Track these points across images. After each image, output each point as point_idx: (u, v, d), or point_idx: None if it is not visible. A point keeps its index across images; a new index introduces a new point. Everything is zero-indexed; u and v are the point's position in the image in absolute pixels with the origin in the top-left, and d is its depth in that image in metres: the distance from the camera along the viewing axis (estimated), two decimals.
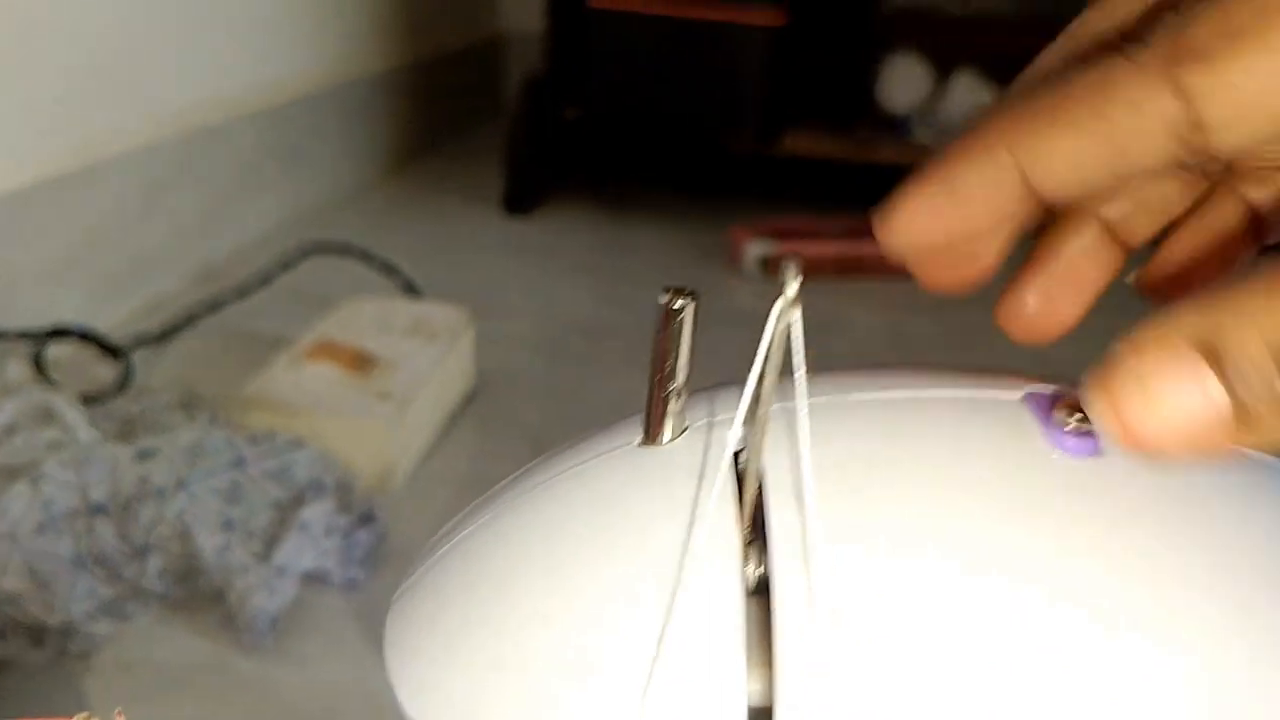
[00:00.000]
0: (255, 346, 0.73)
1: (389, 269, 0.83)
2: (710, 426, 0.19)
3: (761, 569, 0.17)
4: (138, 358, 0.73)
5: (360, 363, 0.63)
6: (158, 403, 0.63)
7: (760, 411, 0.17)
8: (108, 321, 0.78)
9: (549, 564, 0.18)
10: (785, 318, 0.16)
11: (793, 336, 0.16)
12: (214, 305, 0.80)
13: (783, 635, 0.16)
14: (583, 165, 1.25)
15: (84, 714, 0.22)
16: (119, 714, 0.23)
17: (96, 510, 0.51)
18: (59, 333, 0.68)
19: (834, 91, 1.17)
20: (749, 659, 0.16)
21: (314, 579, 0.52)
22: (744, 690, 0.16)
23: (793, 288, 0.16)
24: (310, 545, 0.51)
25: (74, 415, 0.56)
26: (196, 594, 0.51)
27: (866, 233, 0.91)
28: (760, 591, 0.17)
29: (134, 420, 0.61)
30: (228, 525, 0.51)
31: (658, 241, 1.11)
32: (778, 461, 0.18)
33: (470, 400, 0.72)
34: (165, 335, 0.77)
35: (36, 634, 0.48)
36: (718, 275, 1.02)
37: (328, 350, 0.63)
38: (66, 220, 0.74)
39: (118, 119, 0.80)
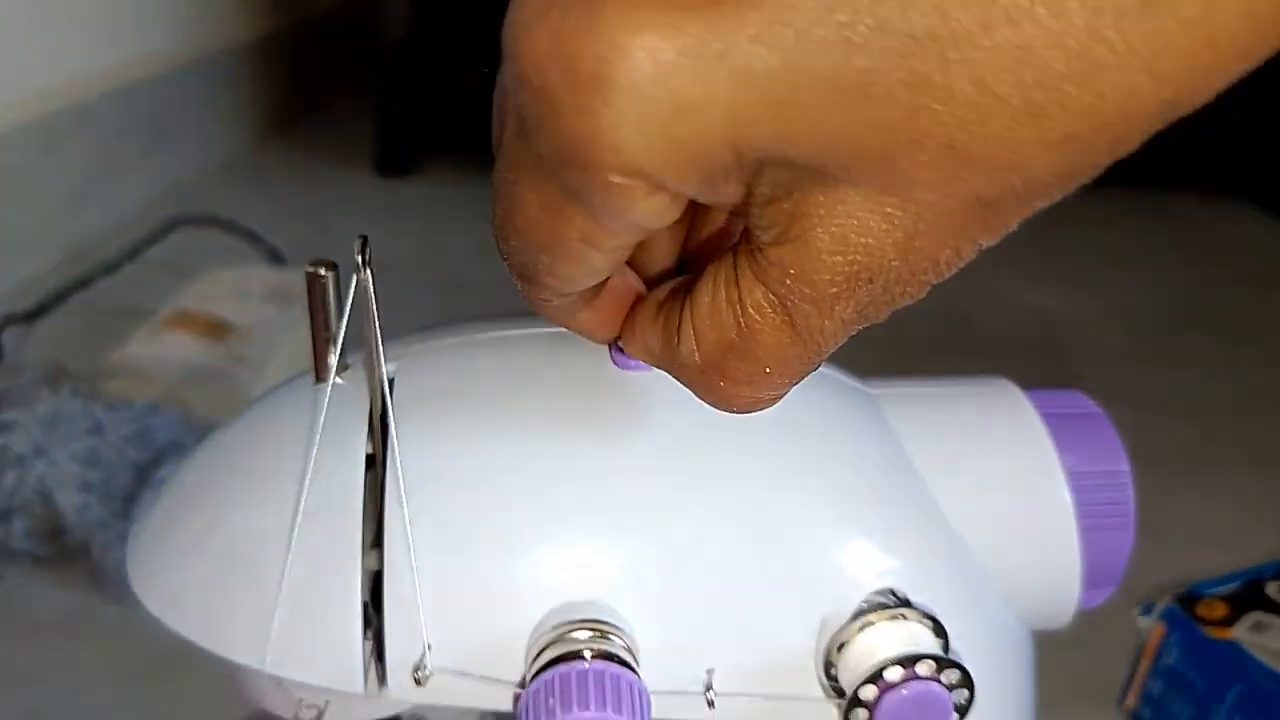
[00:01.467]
0: (124, 321, 0.77)
1: (253, 238, 0.86)
2: (361, 366, 0.25)
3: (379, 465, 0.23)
4: (7, 337, 0.76)
5: (216, 330, 0.67)
6: (24, 379, 0.66)
7: (380, 356, 0.23)
8: None
9: (229, 479, 0.24)
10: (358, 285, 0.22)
11: (368, 299, 0.22)
12: (82, 283, 0.83)
13: (389, 509, 0.22)
14: (456, 125, 1.29)
15: None
16: None
17: None
18: None
19: None
20: (364, 533, 0.22)
21: None
22: (361, 556, 0.22)
23: (362, 257, 0.22)
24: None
25: None
26: (63, 551, 0.56)
27: None
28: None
29: (1, 396, 0.64)
30: (86, 487, 0.56)
31: None
32: (409, 387, 0.24)
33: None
34: (35, 314, 0.80)
35: None
36: None
37: (184, 320, 0.67)
38: None
39: None
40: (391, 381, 0.24)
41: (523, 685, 0.22)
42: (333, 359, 0.24)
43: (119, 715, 0.47)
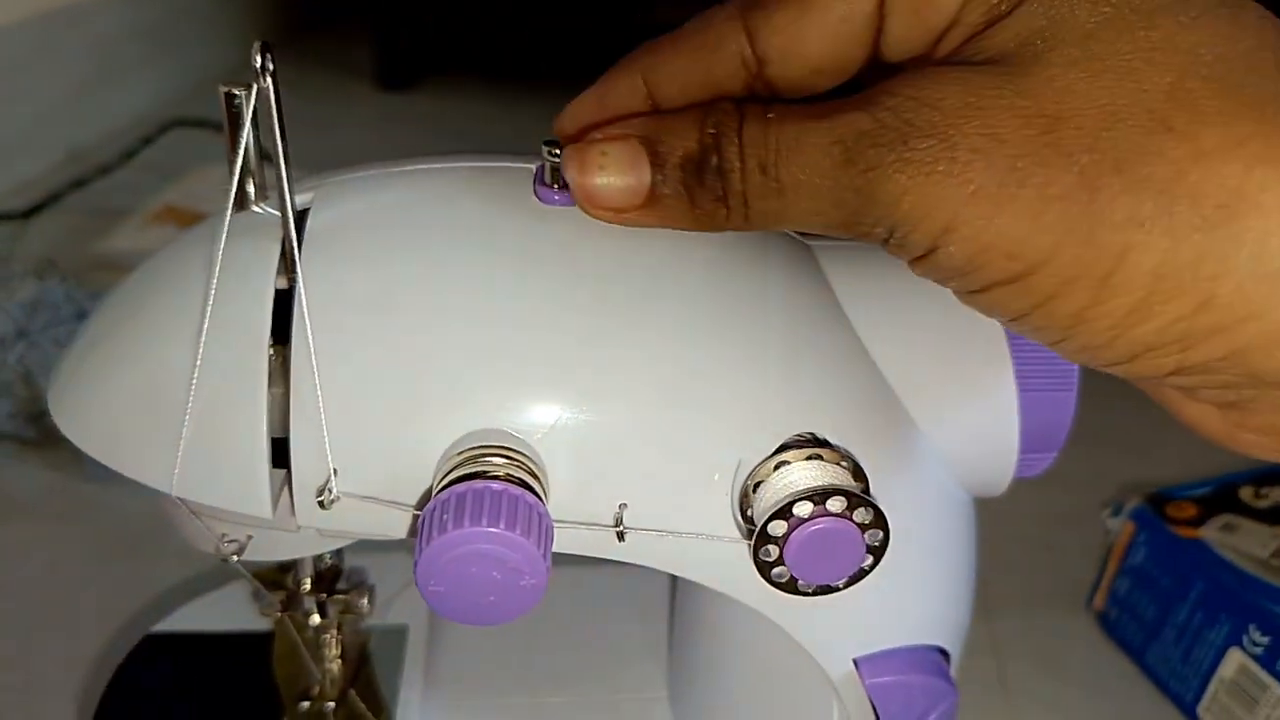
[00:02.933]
0: (115, 219, 0.76)
1: None
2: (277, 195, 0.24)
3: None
4: (2, 234, 0.76)
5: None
6: (11, 270, 0.67)
7: (287, 174, 0.22)
8: None
9: (142, 311, 0.24)
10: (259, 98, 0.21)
11: (272, 112, 0.21)
12: (79, 183, 0.83)
13: (295, 336, 0.22)
14: (460, 37, 1.27)
15: None
16: None
17: None
18: None
19: None
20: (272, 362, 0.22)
21: None
22: (267, 384, 0.22)
23: (260, 63, 0.21)
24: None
25: None
26: (46, 433, 0.56)
27: None
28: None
29: None
30: None
31: (536, 112, 1.14)
32: (324, 216, 0.23)
33: None
34: (29, 213, 0.80)
35: None
36: None
37: (172, 213, 0.67)
38: None
39: None
40: (306, 211, 0.24)
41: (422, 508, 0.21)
42: (237, 183, 0.24)
43: (91, 586, 0.47)
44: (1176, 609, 0.41)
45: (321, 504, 0.22)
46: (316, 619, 0.31)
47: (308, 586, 0.31)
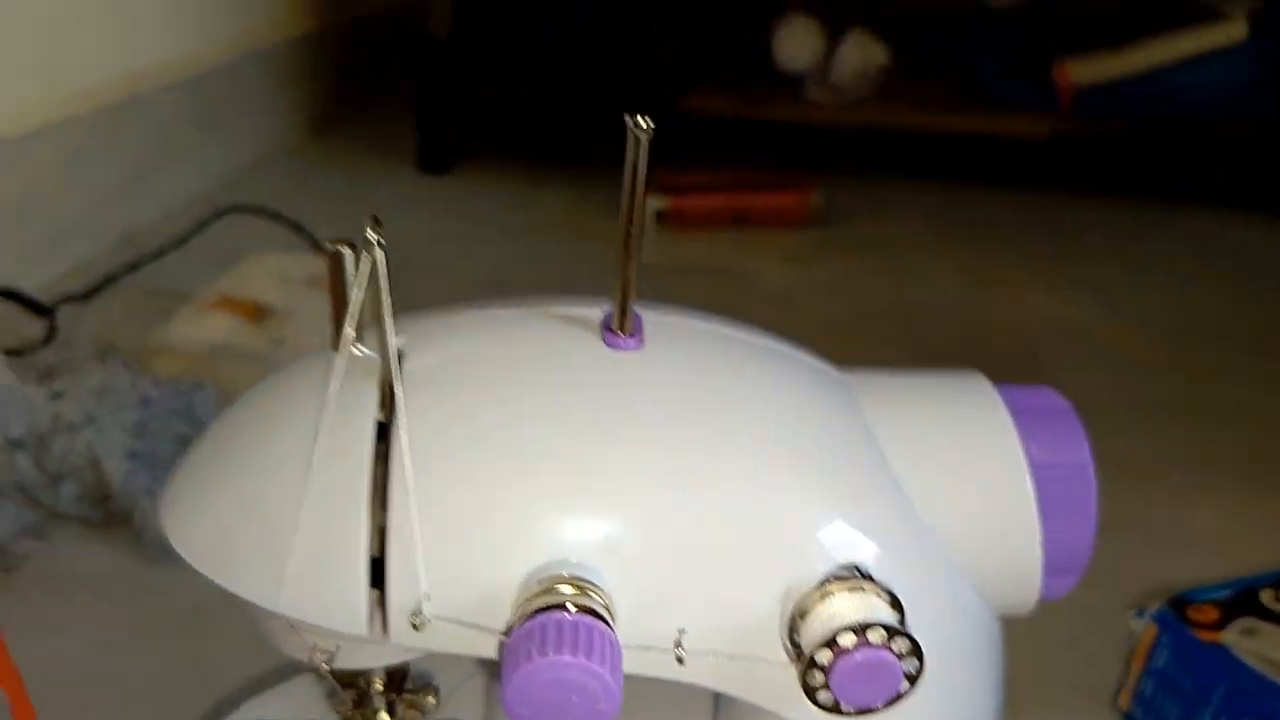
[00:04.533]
0: (172, 303, 0.80)
1: (296, 227, 0.90)
2: (375, 339, 0.27)
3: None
4: (63, 315, 0.80)
5: (257, 313, 0.71)
6: (76, 354, 0.70)
7: (391, 329, 0.25)
8: (35, 283, 0.85)
9: (253, 439, 0.26)
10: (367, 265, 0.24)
11: (380, 276, 0.24)
12: (134, 266, 0.87)
13: (394, 470, 0.24)
14: (497, 125, 1.32)
15: None
16: None
17: (15, 445, 0.58)
18: None
19: (733, 53, 1.24)
20: (373, 492, 0.25)
21: None
22: (368, 512, 0.25)
23: (374, 237, 0.24)
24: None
25: None
26: (109, 516, 0.59)
27: (758, 184, 1.02)
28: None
29: (53, 369, 0.68)
30: (133, 456, 0.59)
31: (567, 197, 1.18)
32: (418, 359, 0.26)
33: None
34: (88, 295, 0.84)
35: None
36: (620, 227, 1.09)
37: (227, 302, 0.71)
38: None
39: (35, 94, 0.86)
40: (401, 354, 0.27)
41: (508, 633, 0.24)
42: (349, 331, 0.27)
43: (154, 669, 0.49)
44: (1200, 713, 0.43)
45: (415, 625, 0.24)
46: (385, 717, 0.33)
47: (379, 687, 0.33)
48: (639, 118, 0.24)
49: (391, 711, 0.33)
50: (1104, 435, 0.32)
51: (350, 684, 0.33)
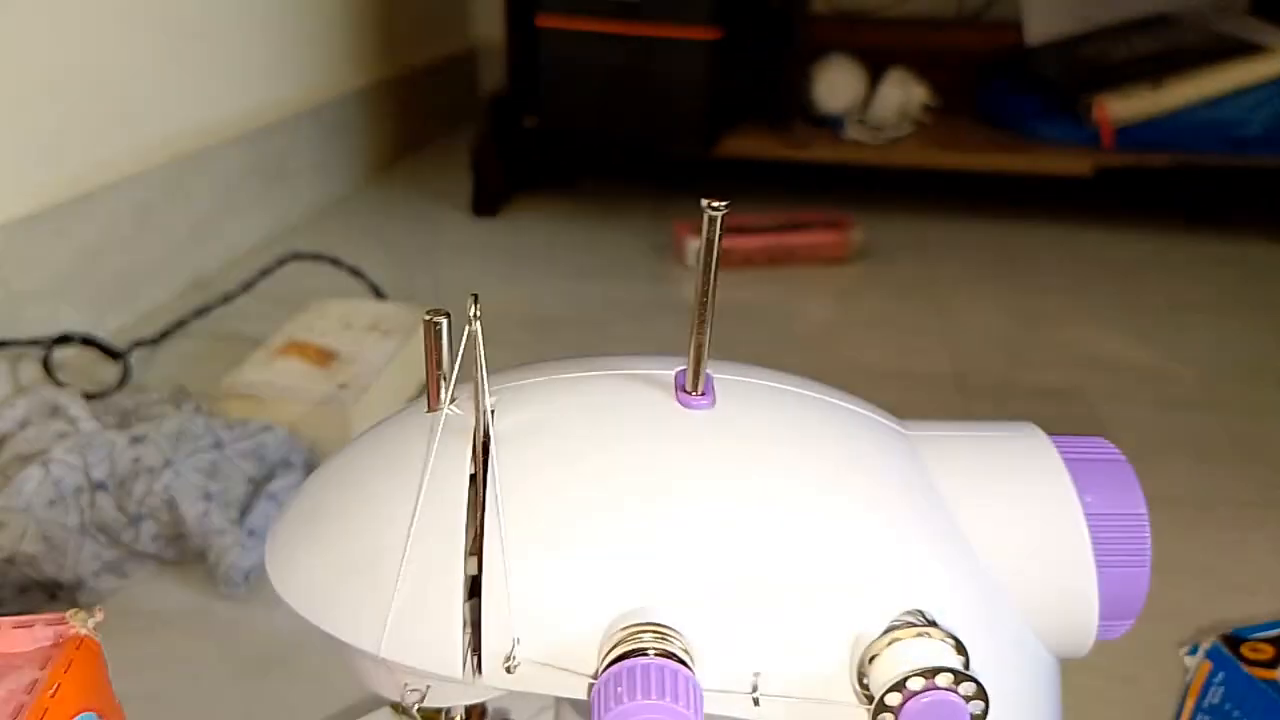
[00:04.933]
0: (238, 346, 0.84)
1: (356, 273, 0.93)
2: (469, 399, 0.29)
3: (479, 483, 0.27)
4: (135, 359, 0.83)
5: (323, 357, 0.73)
6: (150, 397, 0.73)
7: (485, 392, 0.27)
8: (108, 329, 0.89)
9: (355, 492, 0.28)
10: (468, 332, 0.26)
11: (477, 345, 0.26)
12: (202, 311, 0.90)
13: (488, 522, 0.26)
14: (545, 170, 1.35)
15: (74, 609, 0.33)
16: (99, 610, 0.33)
17: (98, 487, 0.61)
18: (63, 339, 0.79)
19: (770, 95, 1.26)
20: (466, 542, 0.27)
21: None
22: (464, 562, 0.26)
23: (473, 311, 0.26)
24: (277, 511, 0.62)
25: (77, 409, 0.66)
26: (184, 554, 0.62)
27: (796, 225, 1.04)
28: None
29: (130, 412, 0.71)
30: (208, 496, 0.62)
31: (612, 238, 1.21)
32: (507, 418, 0.28)
33: None
34: (159, 339, 0.87)
35: (51, 590, 0.59)
36: (664, 267, 1.12)
37: (295, 347, 0.73)
38: (65, 242, 0.85)
39: (108, 149, 0.91)
40: (492, 413, 0.29)
41: (595, 676, 0.26)
42: (445, 393, 0.29)
43: (231, 701, 0.52)
44: None
45: (508, 669, 0.26)
46: None
47: None
48: (712, 201, 0.26)
49: None
50: (1153, 472, 0.33)
51: (432, 718, 0.35)
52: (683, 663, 0.25)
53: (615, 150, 1.23)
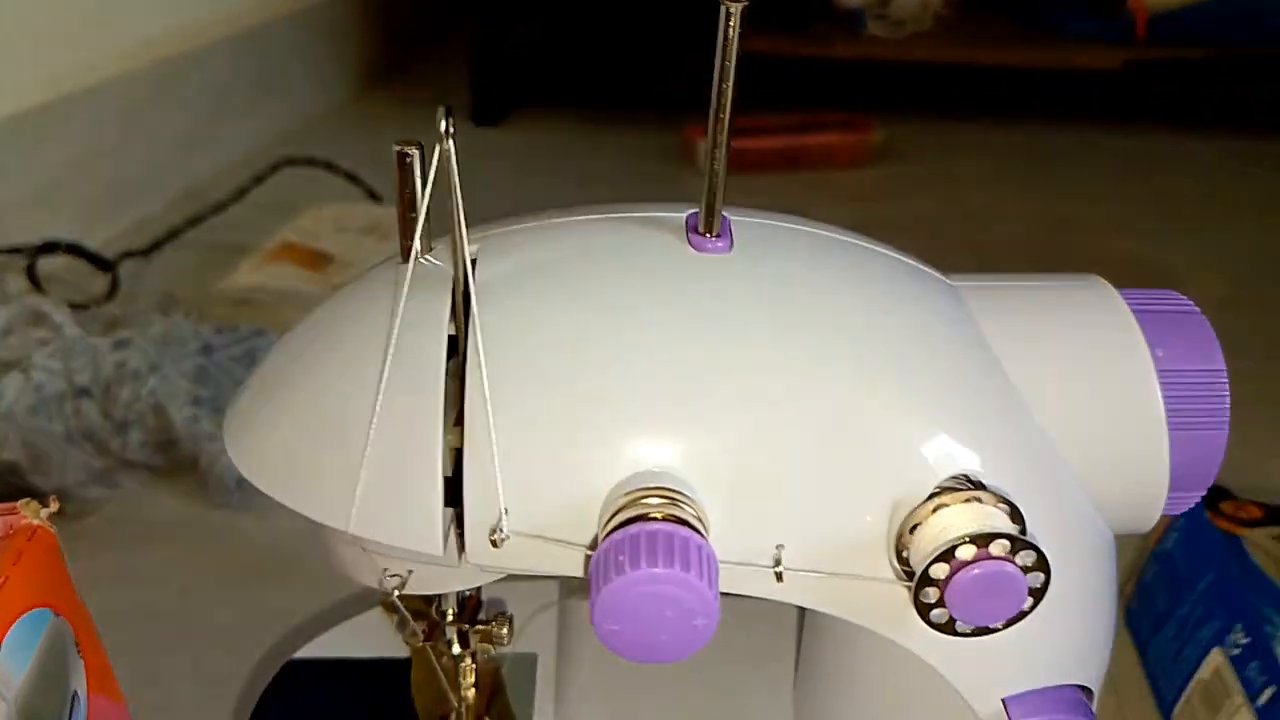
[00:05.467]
0: (232, 255, 0.80)
1: (352, 178, 0.89)
2: (443, 247, 0.25)
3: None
4: (125, 270, 0.80)
5: (317, 261, 0.70)
6: (138, 307, 0.70)
7: (462, 228, 0.24)
8: (97, 240, 0.85)
9: (320, 355, 0.25)
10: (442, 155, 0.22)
11: (451, 170, 0.22)
12: (194, 220, 0.86)
13: (469, 383, 0.23)
14: (549, 75, 1.29)
15: (25, 499, 0.30)
16: (53, 500, 0.30)
17: (82, 393, 0.58)
18: (49, 247, 0.76)
19: None
20: (446, 407, 0.23)
21: None
22: (443, 428, 0.23)
23: (444, 126, 0.22)
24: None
25: (61, 316, 0.63)
26: (175, 462, 0.59)
27: (813, 126, 0.99)
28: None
29: (117, 321, 0.68)
30: (196, 401, 0.59)
31: (621, 143, 1.16)
32: (491, 267, 0.25)
33: None
34: (150, 249, 0.84)
35: (40, 501, 0.56)
36: (675, 171, 1.07)
37: (288, 251, 0.70)
38: (48, 149, 0.81)
39: (90, 52, 0.86)
40: (474, 261, 0.25)
41: (594, 547, 0.22)
42: (417, 236, 0.25)
43: (223, 611, 0.49)
44: (1184, 601, 0.39)
45: (494, 543, 0.23)
46: (457, 648, 0.32)
47: (451, 617, 0.32)
48: None
49: (464, 642, 0.32)
50: None
51: (421, 615, 0.32)
52: (695, 530, 0.21)
53: (624, 52, 1.17)
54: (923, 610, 0.22)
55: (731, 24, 0.22)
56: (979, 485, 0.23)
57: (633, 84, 1.33)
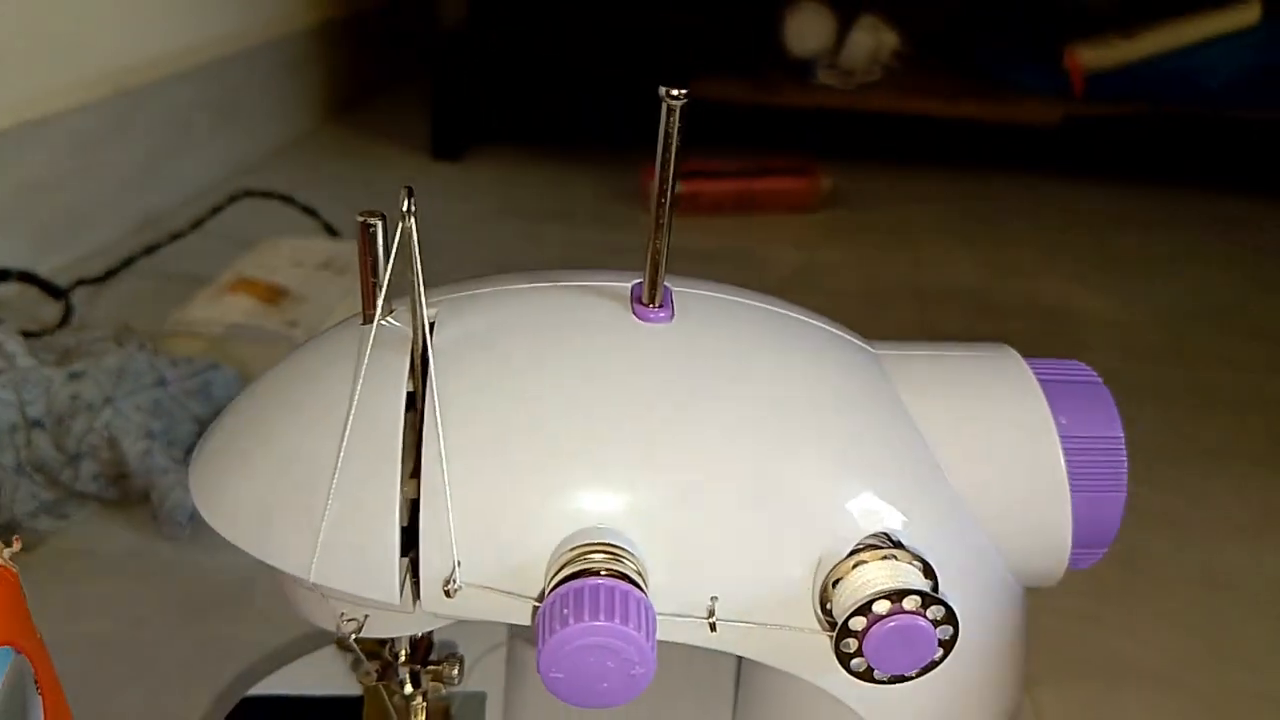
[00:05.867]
0: (188, 286, 0.80)
1: (309, 211, 0.90)
2: (408, 310, 0.27)
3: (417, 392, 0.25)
4: (79, 298, 0.80)
5: (273, 294, 0.71)
6: (93, 335, 0.70)
7: (422, 299, 0.25)
8: (51, 267, 0.85)
9: (284, 409, 0.26)
10: (405, 231, 0.24)
11: (412, 245, 0.24)
12: (150, 249, 0.87)
13: (426, 441, 0.24)
14: (508, 113, 1.31)
15: None
16: (16, 539, 0.31)
17: (34, 424, 0.58)
18: (0, 275, 0.76)
19: (742, 40, 1.23)
20: (404, 463, 0.25)
21: None
22: (400, 482, 0.25)
23: (407, 206, 0.24)
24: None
25: (13, 345, 0.63)
26: (127, 495, 0.59)
27: (764, 171, 1.01)
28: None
29: (71, 351, 0.68)
30: (150, 435, 0.59)
31: (576, 183, 1.18)
32: (448, 331, 0.26)
33: None
34: (104, 277, 0.84)
35: None
36: (629, 212, 1.09)
37: (244, 284, 0.71)
38: (1, 176, 0.81)
39: (54, 78, 0.86)
40: (432, 325, 0.27)
41: (541, 599, 0.24)
42: (379, 301, 0.27)
43: (173, 645, 0.50)
44: None
45: (447, 592, 0.24)
46: (409, 688, 0.33)
47: (403, 657, 0.33)
48: (671, 89, 0.23)
49: (416, 682, 0.33)
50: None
51: (375, 655, 0.33)
52: (635, 584, 0.23)
53: (583, 94, 1.20)
54: (843, 659, 0.24)
55: (673, 119, 0.24)
56: (897, 544, 0.25)
57: (589, 124, 1.36)
